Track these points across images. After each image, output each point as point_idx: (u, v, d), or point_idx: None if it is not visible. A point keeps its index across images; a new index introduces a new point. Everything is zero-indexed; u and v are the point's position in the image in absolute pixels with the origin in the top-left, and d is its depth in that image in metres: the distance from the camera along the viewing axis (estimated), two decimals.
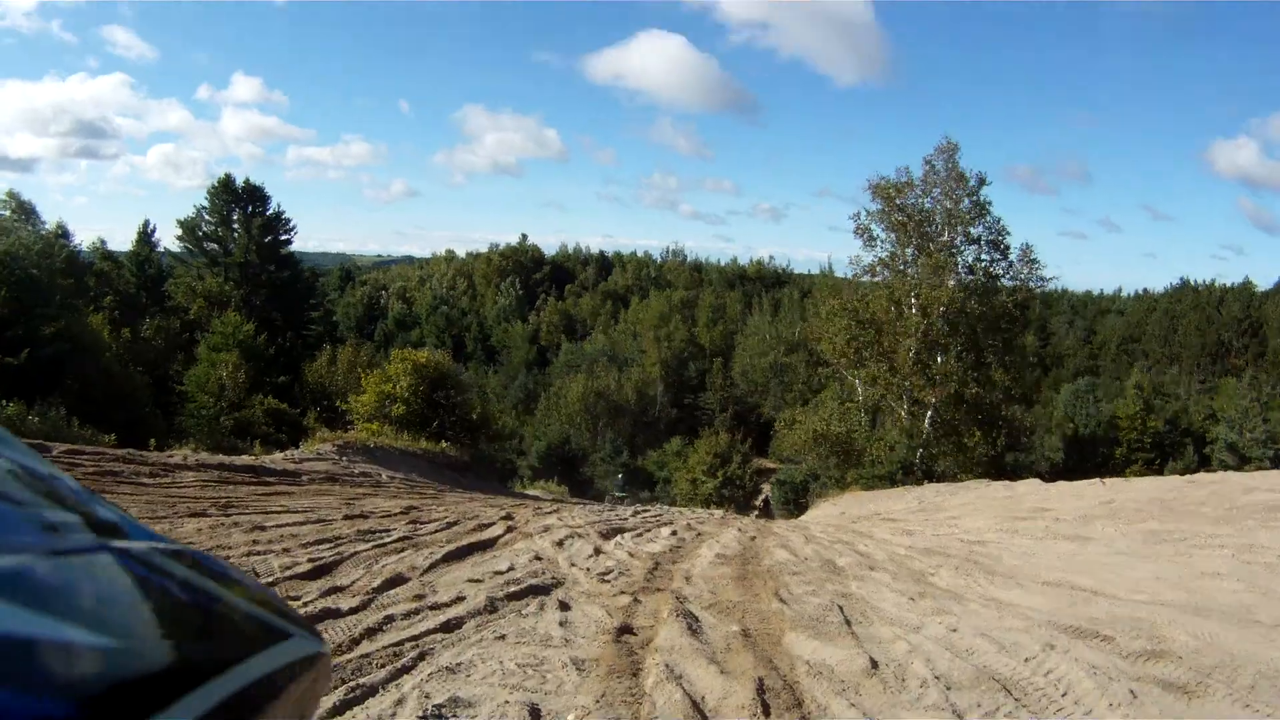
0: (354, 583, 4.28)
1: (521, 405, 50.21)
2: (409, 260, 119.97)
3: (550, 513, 9.70)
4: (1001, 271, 22.03)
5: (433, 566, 4.95)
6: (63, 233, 33.89)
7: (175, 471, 8.38)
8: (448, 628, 3.48)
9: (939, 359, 21.03)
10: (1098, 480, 12.14)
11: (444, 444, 18.24)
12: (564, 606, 4.06)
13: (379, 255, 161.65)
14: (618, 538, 7.40)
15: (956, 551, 6.64)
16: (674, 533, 8.28)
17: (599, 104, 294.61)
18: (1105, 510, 8.18)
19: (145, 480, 7.61)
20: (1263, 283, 65.02)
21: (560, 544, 6.51)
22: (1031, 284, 21.95)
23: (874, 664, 3.13)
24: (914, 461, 18.92)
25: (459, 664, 2.95)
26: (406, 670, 2.88)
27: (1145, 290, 77.67)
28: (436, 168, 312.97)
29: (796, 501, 28.26)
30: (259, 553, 4.88)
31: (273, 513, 6.79)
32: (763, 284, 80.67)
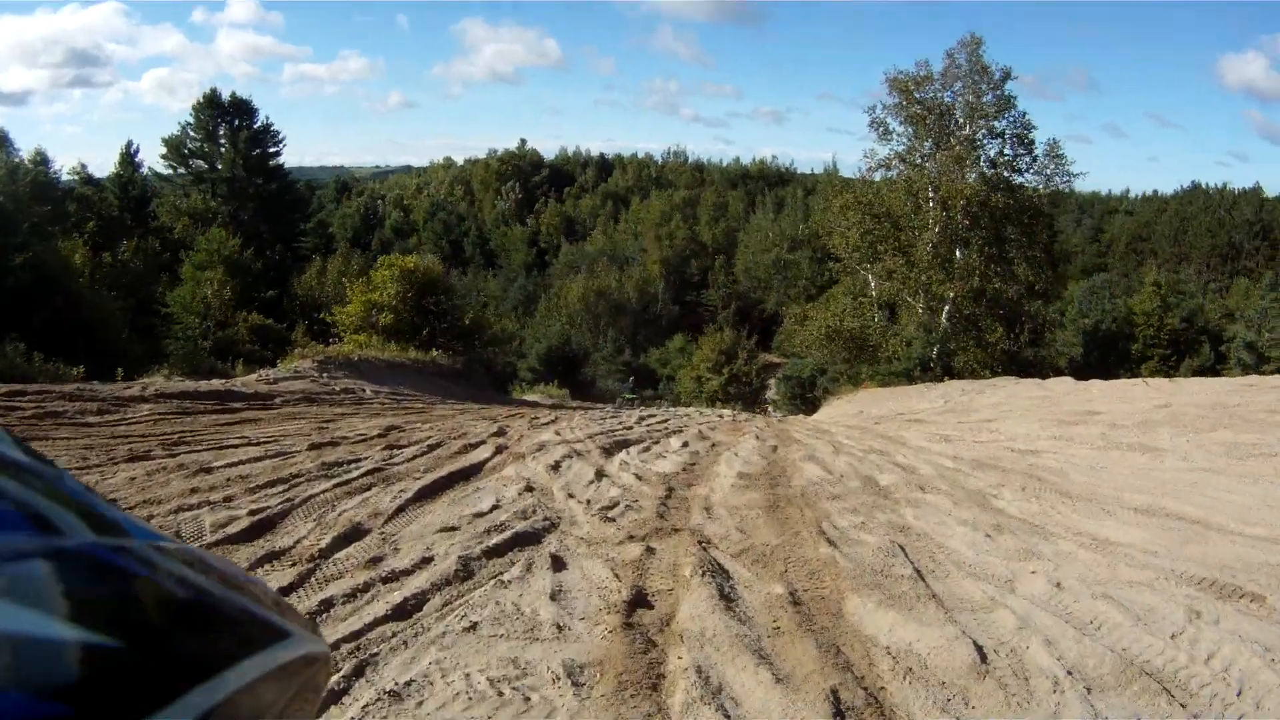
0: (297, 543, 3.44)
1: (521, 308, 49.04)
2: (407, 170, 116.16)
3: (547, 423, 8.98)
4: (1025, 167, 20.68)
5: (401, 510, 4.12)
6: (41, 160, 32.08)
7: (129, 406, 7.51)
8: (403, 612, 2.64)
9: (958, 253, 19.95)
10: (1140, 380, 11.31)
11: (435, 352, 17.34)
12: (558, 564, 3.24)
13: (377, 167, 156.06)
14: (622, 454, 6.61)
15: (1011, 464, 5.82)
16: (685, 444, 7.49)
17: (600, 14, 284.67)
18: (1164, 415, 7.33)
19: (91, 420, 6.73)
20: (1272, 189, 63.30)
21: (556, 467, 5.72)
22: (1058, 180, 20.64)
23: (980, 654, 2.29)
24: (931, 357, 18.09)
25: (409, 682, 2.11)
26: (335, 698, 2.04)
27: (1155, 192, 75.16)
28: (434, 79, 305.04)
29: (804, 397, 27.50)
30: (192, 506, 4.04)
31: (229, 447, 5.94)
32: (765, 183, 78.04)
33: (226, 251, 28.83)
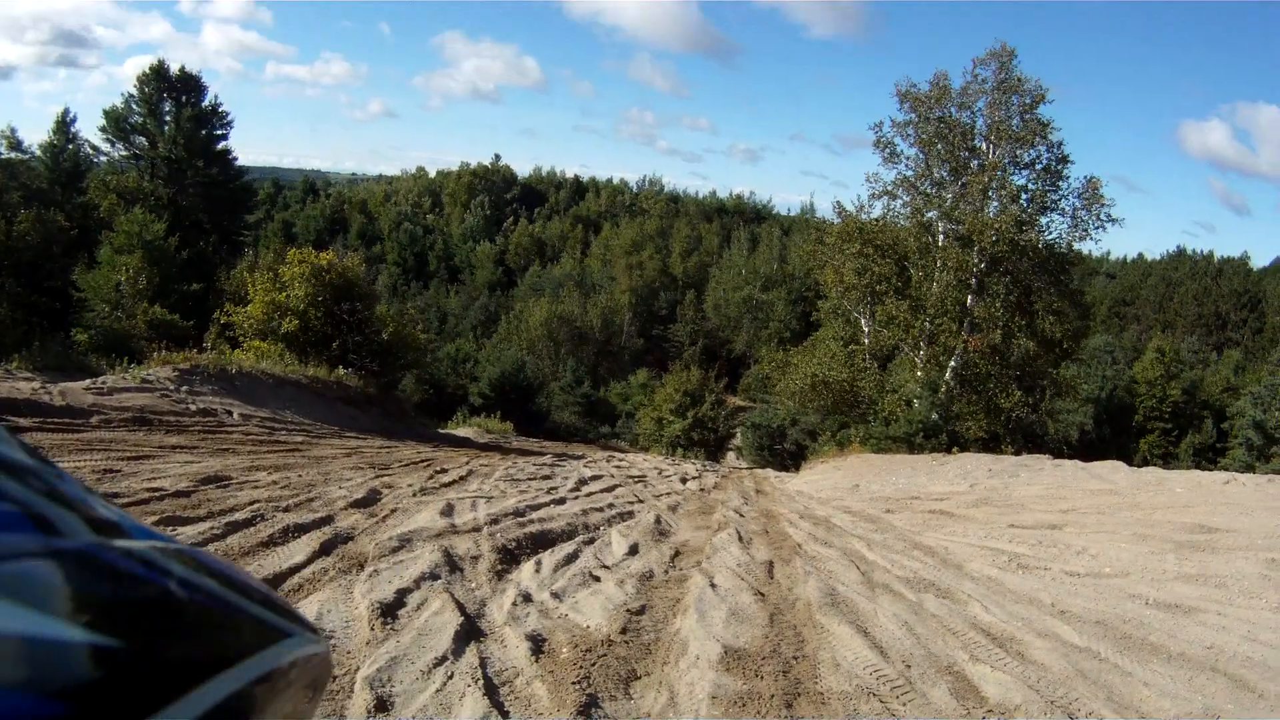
0: None
1: (481, 328, 46.97)
2: (379, 180, 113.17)
3: (451, 483, 6.58)
4: (1053, 204, 17.75)
5: None
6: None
7: None
8: None
9: (970, 300, 17.26)
10: (1224, 473, 8.92)
11: (342, 371, 14.47)
12: None
13: (354, 173, 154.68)
14: (530, 571, 4.16)
15: (1168, 641, 3.28)
16: (633, 548, 4.87)
17: (578, 39, 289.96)
18: None
19: None
20: (1258, 258, 63.52)
21: (393, 610, 3.22)
22: (1090, 224, 17.49)
23: None
24: (938, 422, 15.48)
25: None
26: None
27: (1140, 255, 74.11)
28: (414, 90, 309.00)
29: (772, 449, 25.33)
30: None
31: None
32: (741, 218, 77.46)
33: (149, 235, 26.06)
